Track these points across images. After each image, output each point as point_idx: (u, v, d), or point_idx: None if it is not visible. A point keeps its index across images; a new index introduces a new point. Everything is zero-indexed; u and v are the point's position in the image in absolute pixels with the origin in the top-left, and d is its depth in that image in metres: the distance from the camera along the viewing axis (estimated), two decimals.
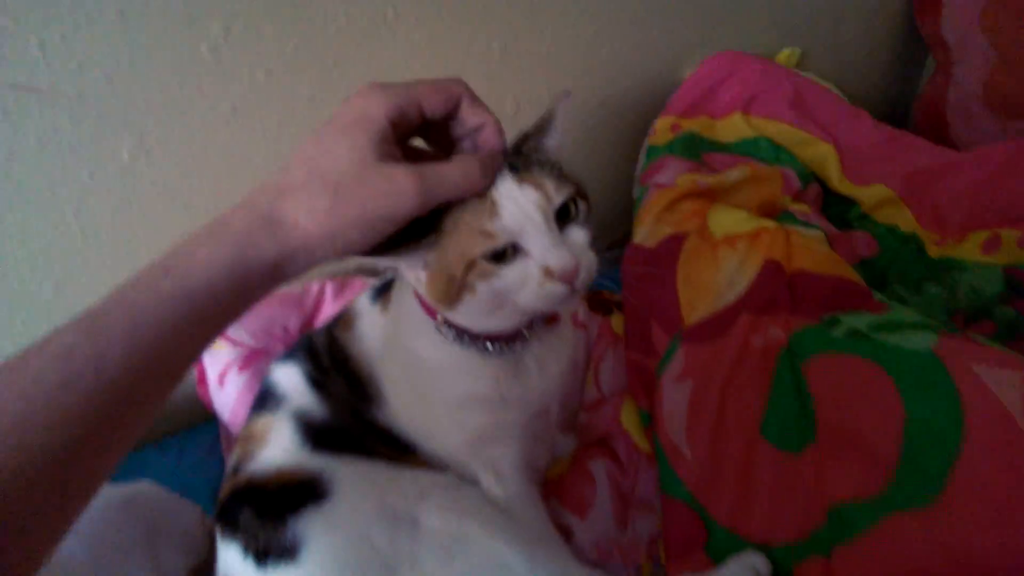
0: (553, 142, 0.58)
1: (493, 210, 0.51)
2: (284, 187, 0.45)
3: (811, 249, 0.90)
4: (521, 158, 0.55)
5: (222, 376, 0.93)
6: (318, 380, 0.73)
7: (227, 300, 0.43)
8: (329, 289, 1.04)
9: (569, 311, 0.82)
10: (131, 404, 0.39)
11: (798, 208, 1.13)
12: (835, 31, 1.65)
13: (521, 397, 0.67)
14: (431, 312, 0.62)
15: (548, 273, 0.51)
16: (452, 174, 0.47)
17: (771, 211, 1.12)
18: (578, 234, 0.54)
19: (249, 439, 0.72)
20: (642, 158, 1.26)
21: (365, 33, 0.99)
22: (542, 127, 0.58)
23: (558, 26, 1.18)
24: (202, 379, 0.96)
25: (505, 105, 1.18)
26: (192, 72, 0.90)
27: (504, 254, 0.52)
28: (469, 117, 0.50)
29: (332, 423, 0.70)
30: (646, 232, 1.05)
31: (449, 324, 0.62)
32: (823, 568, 0.59)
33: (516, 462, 0.70)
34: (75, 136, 0.85)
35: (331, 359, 0.74)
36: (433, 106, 0.48)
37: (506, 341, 0.64)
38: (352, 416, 0.71)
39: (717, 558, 0.66)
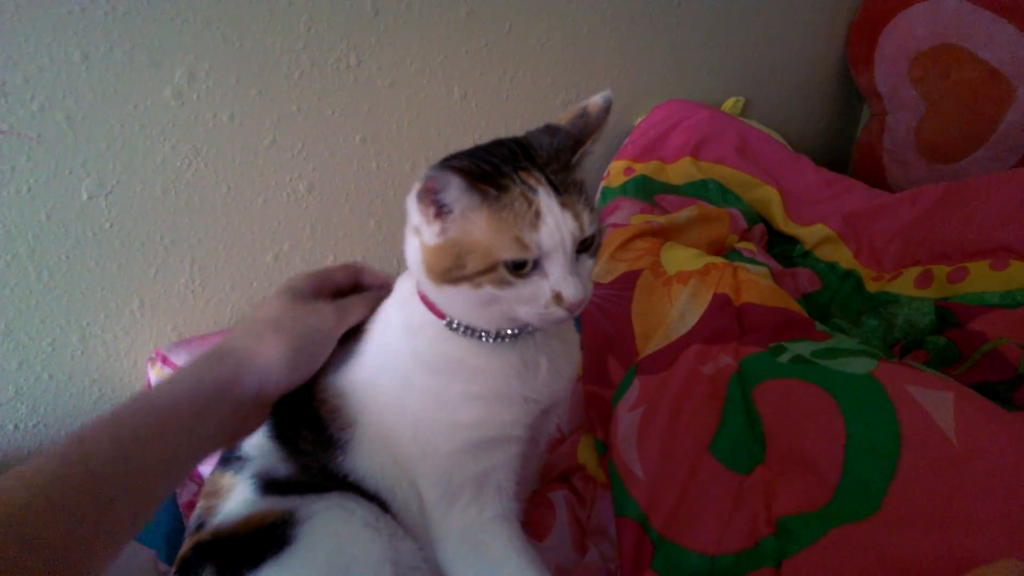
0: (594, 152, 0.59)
1: (535, 223, 0.51)
2: (235, 334, 0.59)
3: (757, 284, 0.95)
4: (564, 175, 0.55)
5: None
6: (283, 433, 0.69)
7: (189, 416, 0.53)
8: None
9: None
10: (118, 500, 0.45)
11: (745, 246, 1.18)
12: (777, 82, 1.75)
13: (529, 393, 0.64)
14: (439, 313, 0.61)
15: (558, 299, 0.53)
16: (352, 302, 0.66)
17: (720, 249, 1.18)
18: (587, 264, 0.56)
19: (213, 494, 0.67)
20: (597, 199, 1.31)
21: (328, 79, 1.02)
22: (590, 136, 0.57)
23: (516, 74, 1.24)
24: None
25: (465, 146, 1.21)
26: (155, 115, 0.91)
27: (524, 265, 0.52)
28: (368, 281, 0.71)
29: (299, 479, 0.66)
30: (602, 269, 1.09)
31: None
32: None
33: (510, 479, 0.65)
34: (33, 177, 0.85)
35: (297, 403, 0.69)
36: (340, 279, 0.69)
37: (516, 331, 0.61)
38: (321, 473, 0.67)
39: (663, 574, 0.67)
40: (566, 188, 0.54)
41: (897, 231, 1.18)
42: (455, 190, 0.52)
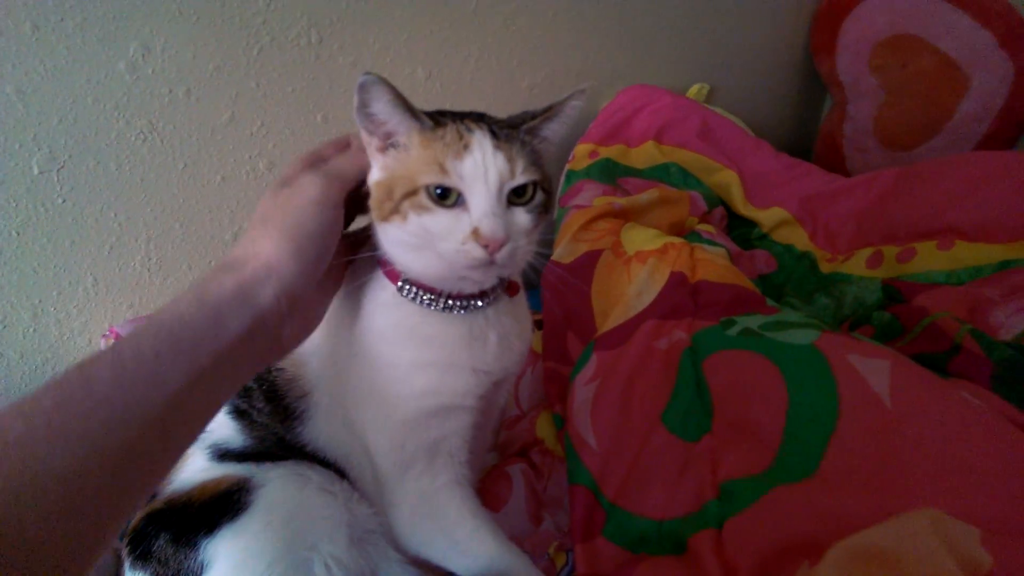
0: (556, 128, 0.61)
1: (460, 153, 0.53)
2: (242, 241, 0.54)
3: (712, 262, 0.96)
4: (508, 130, 0.57)
5: None
6: (239, 407, 0.68)
7: (203, 329, 0.47)
8: None
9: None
10: (125, 424, 0.41)
11: (704, 228, 1.20)
12: (742, 70, 1.78)
13: (478, 364, 0.64)
14: (393, 276, 0.62)
15: (476, 234, 0.53)
16: (339, 166, 0.58)
17: (680, 231, 1.19)
18: (522, 217, 0.56)
19: None
20: (562, 182, 1.32)
21: (288, 55, 1.02)
22: (550, 114, 0.60)
23: (481, 56, 1.24)
24: None
25: None
26: (108, 89, 0.90)
27: (446, 197, 0.54)
28: (353, 141, 0.62)
29: (256, 450, 0.66)
30: (564, 250, 1.10)
31: (410, 283, 0.61)
32: (714, 537, 0.63)
33: (462, 447, 0.67)
34: None
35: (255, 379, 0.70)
36: (331, 154, 0.60)
37: (465, 303, 0.62)
38: (277, 444, 0.67)
39: (614, 539, 0.69)
40: (507, 139, 0.56)
41: (851, 214, 1.21)
42: (385, 103, 0.54)
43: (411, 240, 0.56)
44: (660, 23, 1.53)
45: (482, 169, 0.54)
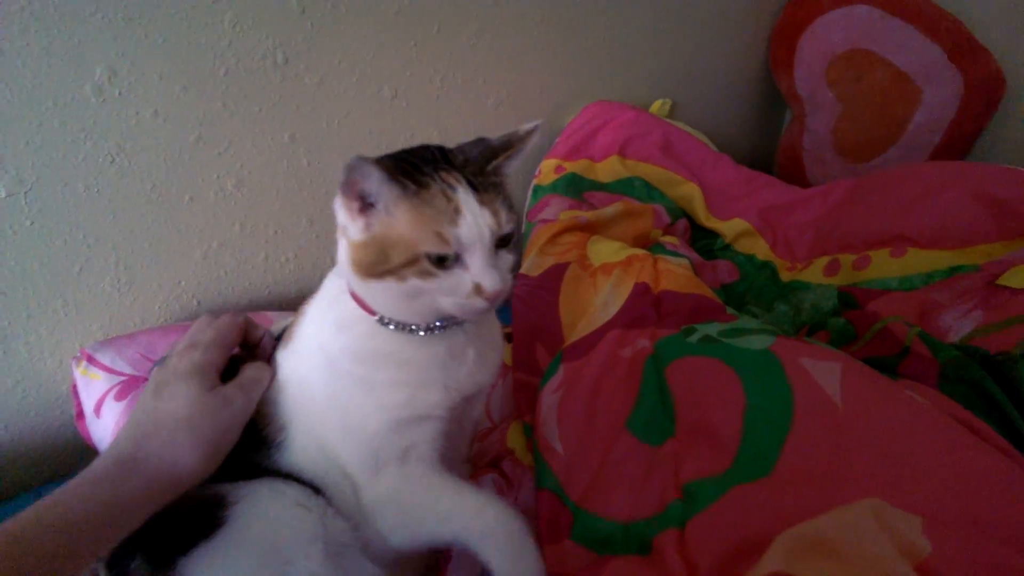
0: (515, 164, 0.63)
1: (454, 219, 0.55)
2: (145, 433, 0.56)
3: (675, 273, 0.99)
4: (482, 178, 0.59)
5: (98, 406, 0.91)
6: None
7: (106, 530, 0.52)
8: None
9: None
10: None
11: (668, 240, 1.23)
12: (703, 85, 1.83)
13: (451, 383, 0.67)
14: (370, 310, 0.63)
15: (478, 290, 0.56)
16: (255, 377, 0.64)
17: (644, 243, 1.23)
18: (506, 258, 0.60)
19: None
20: (529, 197, 1.35)
21: (255, 76, 1.03)
22: (509, 151, 0.62)
23: (447, 74, 1.26)
24: (80, 413, 0.94)
25: (397, 147, 1.23)
26: (75, 112, 0.90)
27: (445, 260, 0.56)
28: (254, 334, 0.69)
29: (228, 471, 0.66)
30: (531, 263, 1.12)
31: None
32: (677, 537, 0.65)
33: (432, 451, 0.68)
34: None
35: None
36: (233, 341, 0.66)
37: (446, 324, 0.65)
38: (252, 467, 0.67)
39: (581, 541, 0.71)
40: (484, 188, 0.58)
41: (809, 223, 1.25)
42: (375, 181, 0.55)
43: (403, 296, 0.58)
44: (622, 40, 1.56)
45: (476, 231, 0.56)
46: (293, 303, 0.80)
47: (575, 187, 1.33)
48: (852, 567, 0.46)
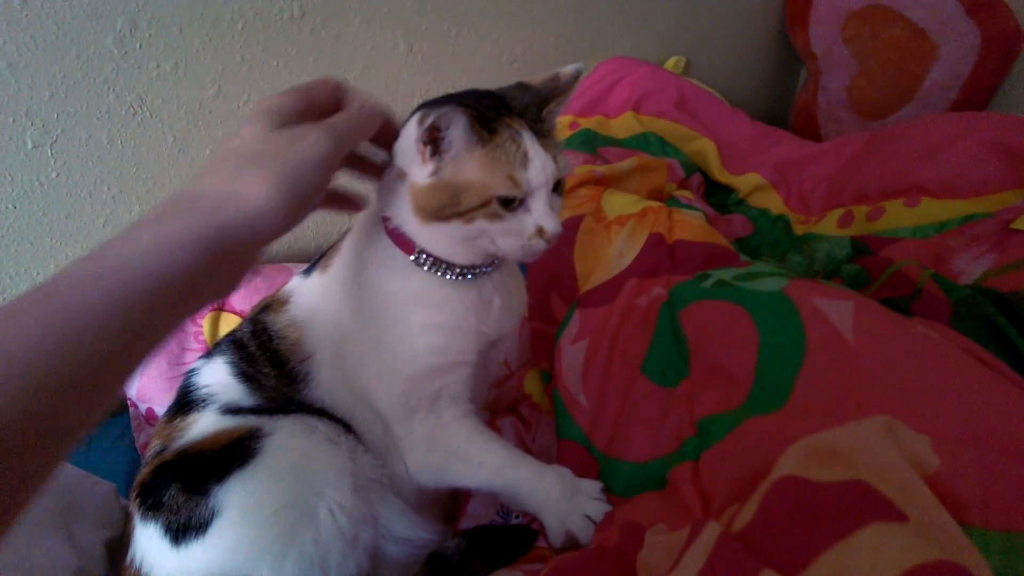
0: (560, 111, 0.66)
1: (524, 163, 0.58)
2: (200, 173, 0.47)
3: (689, 223, 1.00)
4: (537, 124, 0.61)
5: None
6: (246, 372, 0.70)
7: (200, 276, 0.42)
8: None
9: None
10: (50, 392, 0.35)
11: (682, 194, 1.24)
12: (718, 43, 1.81)
13: (482, 327, 0.69)
14: (406, 246, 0.65)
15: (540, 231, 0.59)
16: (344, 117, 0.52)
17: (658, 197, 1.23)
18: (557, 202, 0.63)
19: (172, 431, 0.68)
20: None
21: (272, 29, 1.04)
22: (559, 96, 0.64)
23: (463, 29, 1.26)
24: None
25: (412, 102, 1.24)
26: (97, 64, 0.92)
27: (512, 203, 0.58)
28: (352, 100, 0.55)
29: (266, 407, 0.69)
30: None
31: (426, 254, 0.64)
32: (691, 470, 0.67)
33: (463, 392, 0.71)
34: None
35: (258, 345, 0.72)
36: (324, 99, 0.53)
37: (476, 270, 0.67)
38: (286, 401, 0.69)
39: (608, 488, 0.73)
40: (543, 133, 0.61)
41: (823, 177, 1.25)
42: (459, 129, 0.57)
43: (465, 236, 0.61)
44: None
45: (543, 176, 0.59)
46: (311, 256, 0.82)
47: (589, 143, 1.33)
48: (864, 474, 0.48)
